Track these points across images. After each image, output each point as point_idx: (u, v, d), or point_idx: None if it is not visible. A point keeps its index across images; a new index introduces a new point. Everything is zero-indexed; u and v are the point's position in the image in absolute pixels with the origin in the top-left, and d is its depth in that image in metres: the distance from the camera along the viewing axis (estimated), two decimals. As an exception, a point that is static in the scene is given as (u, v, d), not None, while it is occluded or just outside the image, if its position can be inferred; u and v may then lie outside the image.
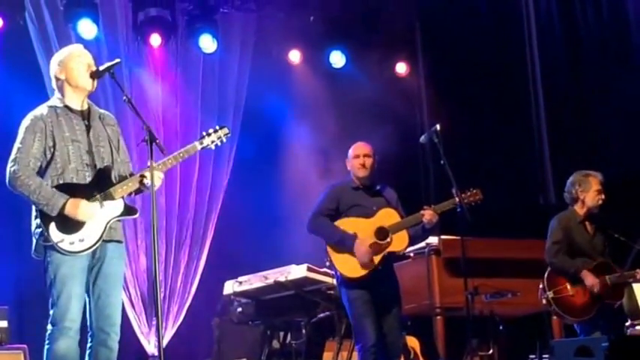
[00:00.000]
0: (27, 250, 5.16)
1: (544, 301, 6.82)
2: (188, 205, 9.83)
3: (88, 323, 5.05)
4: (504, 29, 10.55)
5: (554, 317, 7.23)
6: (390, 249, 6.40)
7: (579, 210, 7.07)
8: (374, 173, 6.67)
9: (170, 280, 9.59)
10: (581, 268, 6.87)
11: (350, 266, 6.38)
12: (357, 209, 6.49)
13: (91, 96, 5.27)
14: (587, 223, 7.09)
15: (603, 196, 7.06)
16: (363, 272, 6.35)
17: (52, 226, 4.92)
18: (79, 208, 4.93)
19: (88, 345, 5.06)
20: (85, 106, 5.20)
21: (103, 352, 5.02)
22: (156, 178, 5.03)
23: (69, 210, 4.91)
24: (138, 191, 5.19)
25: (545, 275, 6.86)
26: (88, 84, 5.14)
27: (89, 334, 5.06)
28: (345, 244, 6.36)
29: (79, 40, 9.09)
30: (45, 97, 5.09)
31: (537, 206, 9.86)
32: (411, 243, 6.71)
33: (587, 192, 7.03)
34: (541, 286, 6.92)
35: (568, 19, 10.06)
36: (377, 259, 6.37)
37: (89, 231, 4.97)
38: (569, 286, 6.84)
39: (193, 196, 9.85)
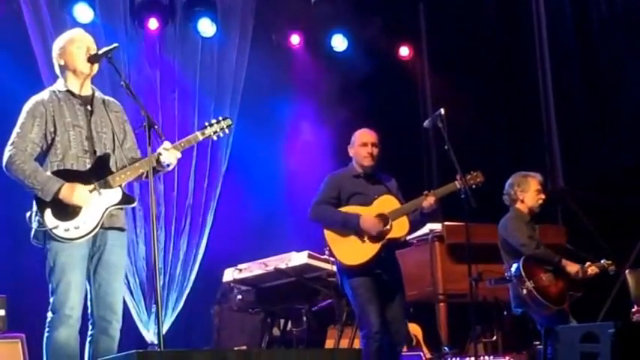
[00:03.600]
0: (25, 238, 5.14)
1: (524, 291, 6.79)
2: (186, 192, 9.78)
3: (89, 311, 5.05)
4: (511, 10, 10.47)
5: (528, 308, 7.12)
6: (390, 236, 6.34)
7: (523, 209, 7.16)
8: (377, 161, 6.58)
9: (169, 268, 9.57)
10: (561, 257, 6.96)
11: (350, 254, 6.33)
12: (357, 197, 6.43)
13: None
14: (533, 223, 7.18)
15: (543, 196, 7.17)
16: (363, 259, 6.29)
17: (48, 212, 4.90)
18: (75, 192, 4.90)
19: (89, 333, 5.05)
20: (89, 92, 5.18)
21: (105, 341, 5.01)
22: (172, 157, 5.06)
23: (64, 194, 4.88)
24: (154, 172, 5.13)
25: (521, 267, 6.84)
26: (86, 68, 5.11)
27: (90, 322, 5.04)
28: (349, 225, 6.29)
29: (75, 24, 9.00)
30: (40, 82, 5.06)
31: (544, 191, 9.79)
32: (412, 229, 6.65)
33: (527, 192, 7.15)
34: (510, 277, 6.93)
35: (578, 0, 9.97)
36: (378, 246, 6.29)
37: (85, 218, 4.94)
38: (544, 277, 6.86)
39: (191, 183, 9.80)
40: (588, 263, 7.00)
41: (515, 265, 6.89)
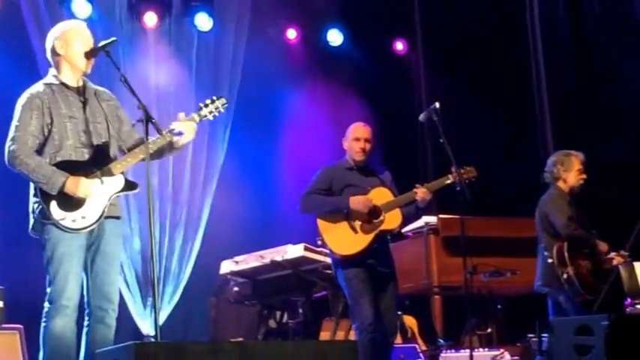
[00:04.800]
0: (22, 229, 5.16)
1: (564, 275, 6.72)
2: (182, 186, 9.77)
3: (86, 301, 5.07)
4: (505, 5, 10.49)
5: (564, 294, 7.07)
6: (382, 227, 6.36)
7: (564, 187, 7.09)
8: (370, 155, 6.62)
9: (165, 261, 9.56)
10: (594, 237, 6.92)
11: (342, 244, 6.35)
12: (350, 189, 6.45)
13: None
14: (572, 203, 7.10)
15: (585, 176, 7.10)
16: (355, 250, 6.31)
17: (53, 204, 4.93)
18: (79, 186, 4.93)
19: (86, 323, 5.08)
20: (81, 83, 5.21)
21: (101, 330, 5.05)
22: (191, 129, 5.13)
23: (69, 188, 4.91)
24: (170, 149, 5.18)
25: (565, 251, 6.76)
26: (84, 65, 5.15)
27: (86, 312, 5.07)
28: (340, 208, 6.33)
29: (73, 19, 9.01)
30: (38, 76, 5.06)
31: (538, 185, 9.82)
32: (405, 222, 6.68)
33: (570, 171, 7.08)
34: (550, 261, 6.82)
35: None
36: (370, 237, 6.33)
37: (91, 207, 4.98)
38: (582, 264, 6.81)
39: (188, 176, 9.79)
40: (613, 253, 6.96)
41: (557, 248, 6.80)
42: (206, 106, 5.33)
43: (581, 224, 6.95)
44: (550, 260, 6.83)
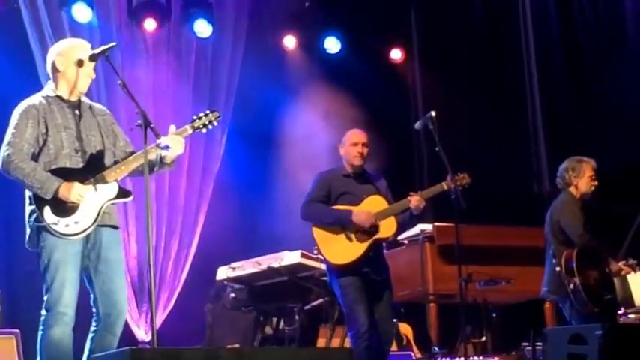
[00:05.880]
0: (19, 234, 5.18)
1: (571, 286, 6.68)
2: (179, 191, 9.77)
3: (94, 310, 5.09)
4: (499, 16, 10.54)
5: (570, 305, 7.01)
6: (377, 235, 6.40)
7: (575, 194, 7.05)
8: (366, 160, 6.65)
9: (160, 266, 9.55)
10: (607, 255, 6.88)
11: (338, 253, 6.38)
12: (346, 197, 6.48)
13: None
14: (583, 210, 7.07)
15: (596, 183, 7.07)
16: (351, 258, 6.34)
17: (47, 209, 4.96)
18: (72, 191, 4.96)
19: (92, 329, 5.09)
20: (77, 97, 5.24)
21: (109, 339, 5.06)
22: (178, 144, 5.13)
23: (62, 193, 4.94)
24: (161, 163, 5.20)
25: (574, 260, 6.72)
26: (74, 75, 5.15)
27: (94, 318, 5.09)
28: (342, 221, 6.35)
29: (74, 24, 9.05)
30: (38, 81, 5.11)
31: (531, 194, 9.85)
32: (400, 229, 6.71)
33: (581, 178, 7.04)
34: (558, 269, 6.78)
35: (563, 4, 10.05)
36: (365, 245, 6.35)
37: (84, 214, 5.01)
38: (591, 274, 6.77)
39: (184, 182, 9.79)
40: (622, 263, 6.93)
41: (566, 256, 6.75)
42: (199, 118, 5.37)
43: (593, 233, 6.94)
44: (558, 268, 6.80)
